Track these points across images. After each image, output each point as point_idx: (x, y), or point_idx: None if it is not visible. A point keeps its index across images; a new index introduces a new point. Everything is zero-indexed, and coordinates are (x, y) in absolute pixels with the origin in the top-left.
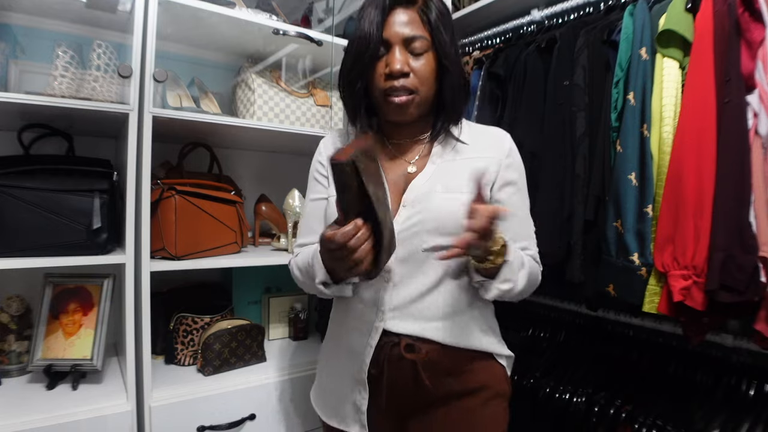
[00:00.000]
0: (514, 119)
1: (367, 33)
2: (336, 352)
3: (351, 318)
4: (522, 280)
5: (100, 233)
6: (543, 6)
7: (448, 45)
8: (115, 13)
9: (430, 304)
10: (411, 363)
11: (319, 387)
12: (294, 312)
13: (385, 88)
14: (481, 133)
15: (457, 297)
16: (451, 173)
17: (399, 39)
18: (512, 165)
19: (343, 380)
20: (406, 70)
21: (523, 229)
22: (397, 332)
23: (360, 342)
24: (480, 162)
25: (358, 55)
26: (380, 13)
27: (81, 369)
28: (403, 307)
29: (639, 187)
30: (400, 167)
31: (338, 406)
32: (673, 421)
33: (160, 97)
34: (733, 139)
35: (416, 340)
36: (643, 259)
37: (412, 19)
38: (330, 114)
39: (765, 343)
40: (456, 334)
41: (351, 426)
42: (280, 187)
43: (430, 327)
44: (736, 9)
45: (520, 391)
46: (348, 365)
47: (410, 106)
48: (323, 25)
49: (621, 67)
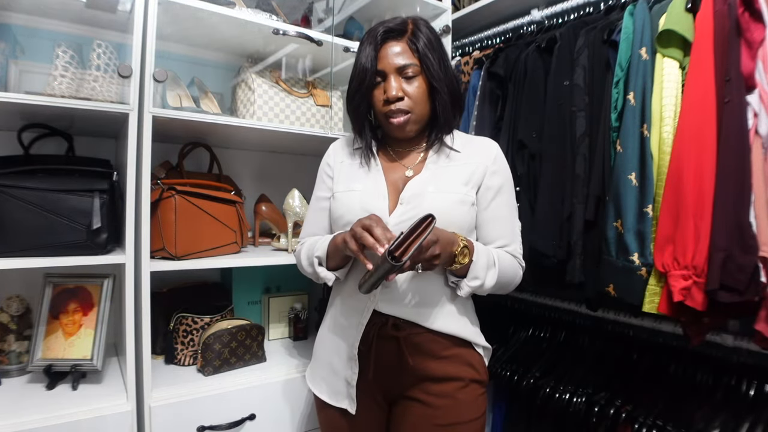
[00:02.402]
0: (514, 119)
1: (364, 66)
2: (331, 331)
3: (346, 299)
4: (491, 278)
5: (100, 233)
6: (543, 6)
7: (436, 68)
8: (115, 13)
9: (417, 291)
10: (395, 340)
11: (315, 365)
12: (294, 312)
13: (385, 112)
14: (471, 142)
15: (442, 288)
16: (443, 177)
17: (392, 68)
18: (498, 171)
19: (336, 357)
20: (400, 95)
21: (504, 229)
22: (386, 313)
23: (352, 321)
24: (468, 167)
25: (359, 84)
26: (374, 48)
27: (81, 369)
28: (392, 291)
29: (639, 187)
30: (399, 171)
31: (332, 381)
32: (673, 421)
33: (160, 97)
34: (733, 139)
35: (402, 322)
36: (643, 259)
37: (403, 49)
38: (330, 114)
39: (765, 343)
40: (439, 320)
41: (341, 401)
42: (280, 187)
43: (416, 312)
44: (736, 9)
45: (520, 391)
46: (341, 343)
47: (408, 125)
48: (323, 25)
49: (621, 67)
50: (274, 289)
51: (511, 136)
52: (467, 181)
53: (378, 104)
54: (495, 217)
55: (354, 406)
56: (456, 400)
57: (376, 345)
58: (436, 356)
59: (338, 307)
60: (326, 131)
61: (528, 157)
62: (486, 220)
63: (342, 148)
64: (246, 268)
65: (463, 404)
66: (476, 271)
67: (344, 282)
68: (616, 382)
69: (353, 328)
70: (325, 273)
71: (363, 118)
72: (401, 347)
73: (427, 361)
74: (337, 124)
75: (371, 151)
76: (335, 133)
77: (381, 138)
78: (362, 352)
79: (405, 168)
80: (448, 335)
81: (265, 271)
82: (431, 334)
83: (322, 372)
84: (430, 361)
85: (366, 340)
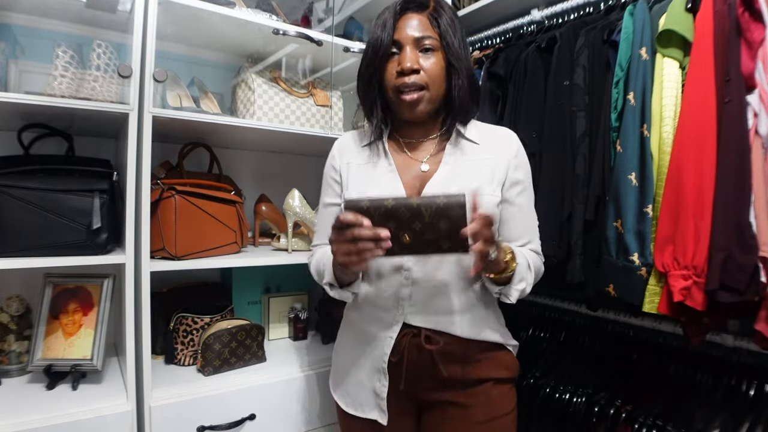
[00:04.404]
0: (514, 119)
1: (380, 35)
2: (354, 341)
3: (371, 309)
4: (531, 277)
5: (100, 233)
6: (543, 6)
7: (456, 47)
8: (115, 13)
9: (446, 300)
10: (428, 352)
11: (338, 376)
12: (294, 312)
13: (398, 85)
14: (490, 133)
15: (470, 294)
16: (464, 174)
17: (409, 40)
18: (520, 165)
19: (362, 369)
20: (416, 66)
21: (528, 225)
22: (417, 326)
23: (380, 333)
24: (490, 162)
25: (373, 55)
26: (392, 17)
27: (81, 369)
28: (422, 302)
29: (639, 187)
30: (413, 167)
31: (358, 394)
32: (673, 421)
33: (160, 97)
34: (733, 139)
35: (434, 333)
36: (643, 259)
37: (422, 22)
38: (330, 114)
39: (765, 343)
40: (471, 328)
41: (369, 412)
42: (280, 187)
43: (447, 321)
44: (736, 9)
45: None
46: (368, 354)
47: (421, 103)
48: (323, 25)
49: (621, 67)
50: (274, 289)
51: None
52: (491, 179)
53: (390, 78)
54: (519, 215)
55: (385, 417)
56: (489, 396)
57: (408, 356)
58: (469, 362)
59: (361, 315)
60: (326, 131)
61: (528, 157)
62: (510, 218)
63: (348, 146)
64: (246, 268)
65: (497, 399)
66: (521, 273)
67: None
68: (616, 382)
69: (381, 341)
70: (340, 294)
71: (374, 98)
72: (434, 358)
73: (460, 368)
74: (337, 124)
75: (383, 146)
76: (335, 133)
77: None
78: (391, 363)
79: (419, 163)
80: (481, 341)
81: (265, 271)
82: (464, 342)
83: (345, 383)
84: (463, 368)
85: (396, 352)
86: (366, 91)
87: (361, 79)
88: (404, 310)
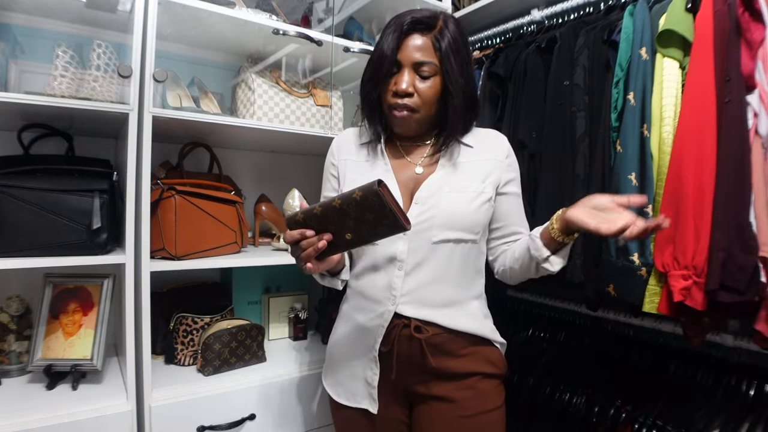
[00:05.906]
0: (514, 119)
1: (383, 53)
2: (347, 332)
3: (364, 300)
4: None
5: (100, 233)
6: (543, 6)
7: (455, 72)
8: (115, 13)
9: (436, 292)
10: (418, 342)
11: (330, 367)
12: (294, 312)
13: (391, 103)
14: (479, 135)
15: (460, 287)
16: (459, 175)
17: (409, 62)
18: (511, 165)
19: (354, 359)
20: (410, 90)
21: (522, 219)
22: (407, 315)
23: (372, 323)
24: (483, 163)
25: (375, 70)
26: (397, 36)
27: (81, 369)
28: (413, 293)
29: (639, 187)
30: (408, 169)
31: (349, 384)
32: (673, 421)
33: (160, 97)
34: (734, 139)
35: (423, 323)
36: (643, 259)
37: (425, 44)
38: (330, 114)
39: (765, 343)
40: (459, 320)
41: (361, 401)
42: (280, 187)
43: (436, 313)
44: (736, 9)
45: (520, 391)
46: (359, 344)
47: (410, 122)
48: (323, 25)
49: (621, 67)
50: (274, 289)
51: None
52: (484, 178)
53: (387, 95)
54: (515, 210)
55: (376, 406)
56: (477, 390)
57: (398, 347)
58: (456, 355)
59: (353, 307)
60: (326, 131)
61: (528, 157)
62: (506, 213)
63: (347, 142)
64: (246, 268)
65: (485, 394)
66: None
67: (357, 283)
68: (616, 382)
69: (372, 331)
70: (330, 282)
71: (373, 107)
72: (423, 348)
73: (447, 360)
74: (337, 124)
75: (380, 147)
76: (335, 133)
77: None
78: (382, 353)
79: (413, 165)
80: (468, 334)
81: (265, 271)
82: (452, 334)
83: (338, 373)
84: (450, 360)
85: (386, 342)
86: (367, 100)
87: (363, 87)
88: (396, 300)
